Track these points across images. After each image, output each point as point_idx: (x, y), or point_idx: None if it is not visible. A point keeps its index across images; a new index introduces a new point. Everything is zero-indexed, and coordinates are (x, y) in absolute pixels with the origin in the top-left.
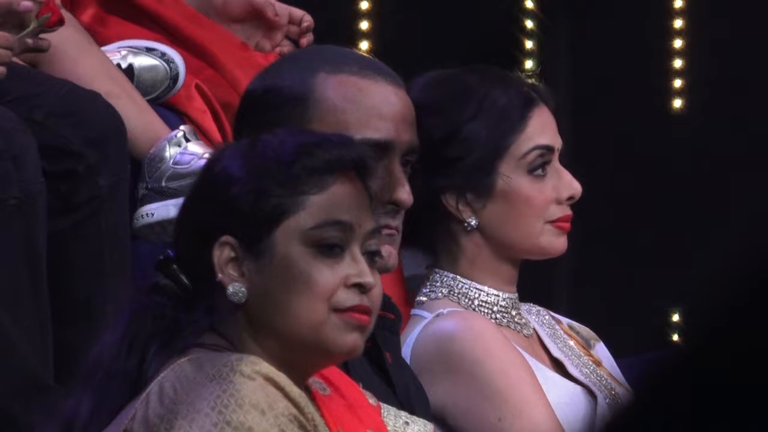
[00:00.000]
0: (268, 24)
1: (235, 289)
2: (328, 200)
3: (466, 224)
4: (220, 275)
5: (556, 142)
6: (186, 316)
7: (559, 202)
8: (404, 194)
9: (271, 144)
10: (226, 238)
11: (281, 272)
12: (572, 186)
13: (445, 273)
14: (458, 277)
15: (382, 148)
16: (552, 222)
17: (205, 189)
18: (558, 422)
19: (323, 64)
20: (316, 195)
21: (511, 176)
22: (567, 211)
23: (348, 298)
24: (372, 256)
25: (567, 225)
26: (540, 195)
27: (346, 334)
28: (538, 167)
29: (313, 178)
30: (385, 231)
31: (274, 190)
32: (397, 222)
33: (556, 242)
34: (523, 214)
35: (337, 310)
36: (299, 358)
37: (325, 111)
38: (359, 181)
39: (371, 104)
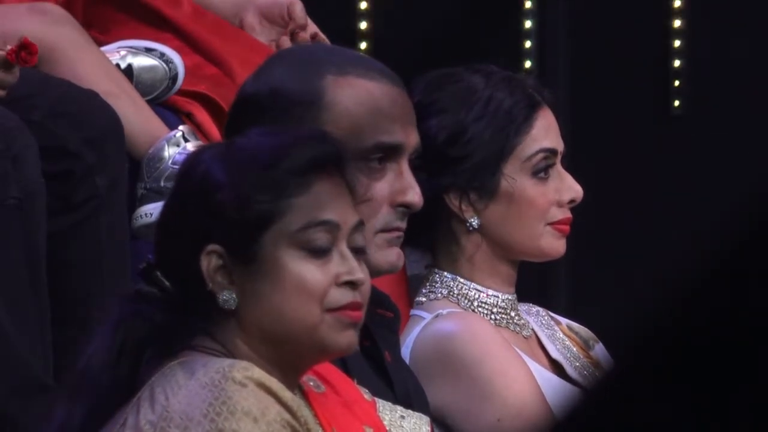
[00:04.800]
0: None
1: (227, 296)
2: (312, 201)
3: (468, 224)
4: (210, 285)
5: (560, 144)
6: (179, 322)
7: (560, 204)
8: (416, 197)
9: (247, 147)
10: (212, 246)
11: (273, 277)
12: (574, 189)
13: (445, 273)
14: (458, 277)
15: (394, 151)
16: (552, 224)
17: (187, 196)
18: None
19: (328, 65)
20: (300, 197)
21: (515, 178)
22: (567, 214)
23: (341, 296)
24: (357, 252)
25: (567, 228)
26: (542, 197)
27: (341, 333)
28: (542, 170)
29: (296, 180)
30: (395, 234)
31: (258, 196)
32: (405, 224)
33: (555, 244)
34: (525, 216)
35: (331, 309)
36: (294, 360)
37: (338, 115)
38: (338, 175)
39: (382, 107)
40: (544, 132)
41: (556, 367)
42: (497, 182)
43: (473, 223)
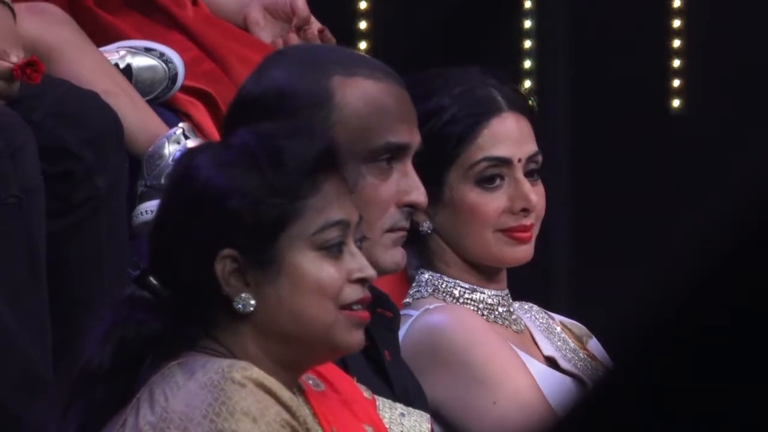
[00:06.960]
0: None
1: (244, 299)
2: (324, 201)
3: (421, 229)
4: (226, 289)
5: (518, 152)
6: (177, 326)
7: (513, 212)
8: (422, 197)
9: (246, 149)
10: (227, 251)
11: (291, 278)
12: (526, 198)
13: (430, 273)
14: (443, 276)
15: (401, 150)
16: (503, 231)
17: (190, 203)
18: (548, 403)
19: (334, 66)
20: (312, 197)
21: (458, 186)
22: (522, 221)
23: (353, 293)
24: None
25: (522, 235)
26: (486, 206)
27: (353, 332)
28: (487, 178)
29: (305, 181)
30: (401, 234)
31: (272, 200)
32: (409, 224)
33: (509, 251)
34: (469, 223)
35: (344, 306)
36: (304, 358)
37: (348, 115)
38: (337, 170)
39: (389, 107)
40: (493, 140)
41: (550, 364)
42: (441, 191)
43: (425, 227)
